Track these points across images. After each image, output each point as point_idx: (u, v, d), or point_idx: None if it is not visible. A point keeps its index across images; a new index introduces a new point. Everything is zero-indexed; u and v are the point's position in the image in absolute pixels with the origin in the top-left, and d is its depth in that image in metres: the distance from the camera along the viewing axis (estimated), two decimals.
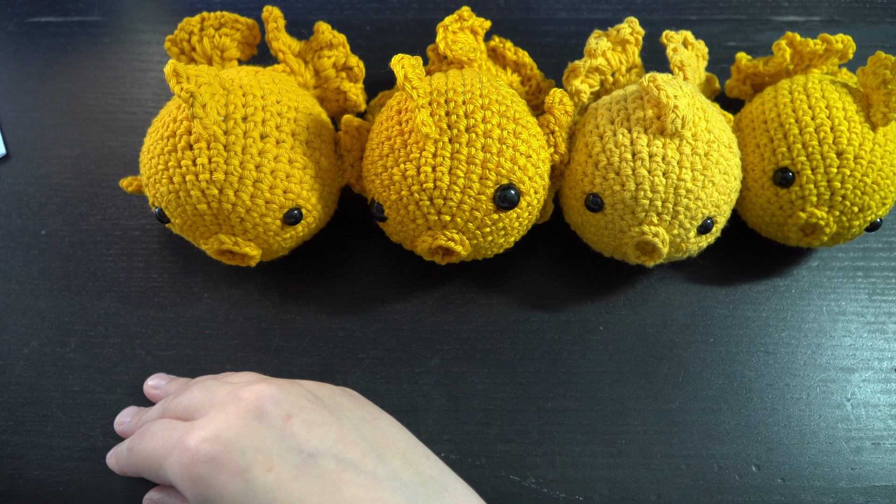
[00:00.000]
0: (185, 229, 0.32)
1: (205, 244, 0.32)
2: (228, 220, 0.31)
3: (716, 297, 0.38)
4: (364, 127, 0.34)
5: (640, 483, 0.34)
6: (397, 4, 0.45)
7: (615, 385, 0.36)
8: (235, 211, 0.30)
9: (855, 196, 0.32)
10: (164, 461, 0.26)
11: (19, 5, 0.45)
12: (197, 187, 0.30)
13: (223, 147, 0.30)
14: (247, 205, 0.30)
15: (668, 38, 0.37)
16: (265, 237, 0.32)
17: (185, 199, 0.30)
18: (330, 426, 0.26)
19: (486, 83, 0.32)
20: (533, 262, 0.38)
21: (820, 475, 0.34)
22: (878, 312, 0.38)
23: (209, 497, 0.24)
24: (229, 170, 0.30)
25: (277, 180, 0.31)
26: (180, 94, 0.28)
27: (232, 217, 0.31)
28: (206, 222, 0.31)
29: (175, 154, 0.30)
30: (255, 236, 0.32)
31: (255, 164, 0.30)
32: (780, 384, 0.36)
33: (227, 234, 0.31)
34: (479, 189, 0.30)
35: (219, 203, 0.30)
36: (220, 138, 0.30)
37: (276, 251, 0.34)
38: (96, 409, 0.35)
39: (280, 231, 0.32)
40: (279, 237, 0.32)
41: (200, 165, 0.30)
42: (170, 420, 0.28)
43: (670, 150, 0.31)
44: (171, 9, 0.45)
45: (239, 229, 0.31)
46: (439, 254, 0.33)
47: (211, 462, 0.24)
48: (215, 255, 0.32)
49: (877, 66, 0.32)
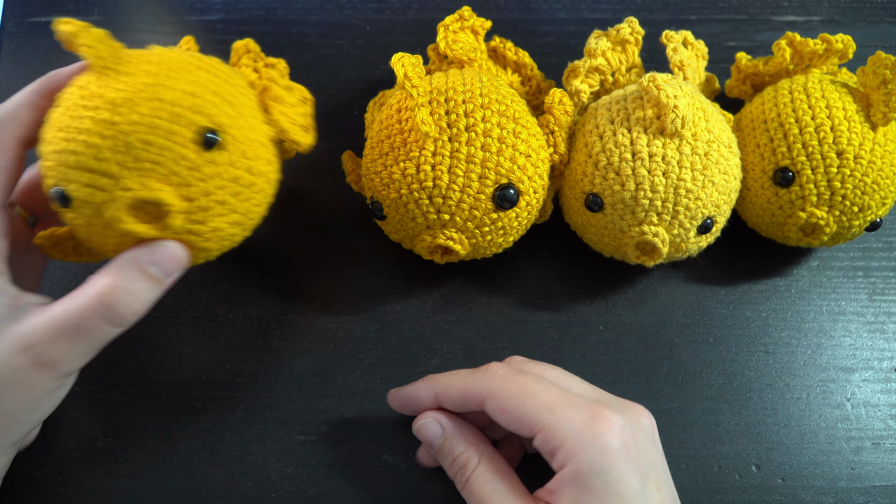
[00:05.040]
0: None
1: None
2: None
3: (716, 297, 0.38)
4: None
5: None
6: (397, 4, 0.45)
7: (615, 385, 0.36)
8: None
9: (855, 196, 0.32)
10: (566, 412, 0.27)
11: (19, 5, 0.45)
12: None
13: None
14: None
15: (668, 38, 0.37)
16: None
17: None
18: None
19: (486, 83, 0.32)
20: (533, 262, 0.38)
21: (820, 475, 0.34)
22: (878, 312, 0.38)
23: (601, 473, 0.26)
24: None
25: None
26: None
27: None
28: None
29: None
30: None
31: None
32: (780, 384, 0.36)
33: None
34: (478, 188, 0.30)
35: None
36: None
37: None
38: (96, 409, 0.35)
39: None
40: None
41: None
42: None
43: (670, 150, 0.31)
44: (171, 9, 0.45)
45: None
46: (438, 253, 0.33)
47: (624, 448, 0.26)
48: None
49: (877, 66, 0.32)
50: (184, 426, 0.34)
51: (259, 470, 0.34)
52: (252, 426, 0.34)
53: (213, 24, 0.44)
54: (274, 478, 0.34)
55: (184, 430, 0.34)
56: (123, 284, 0.26)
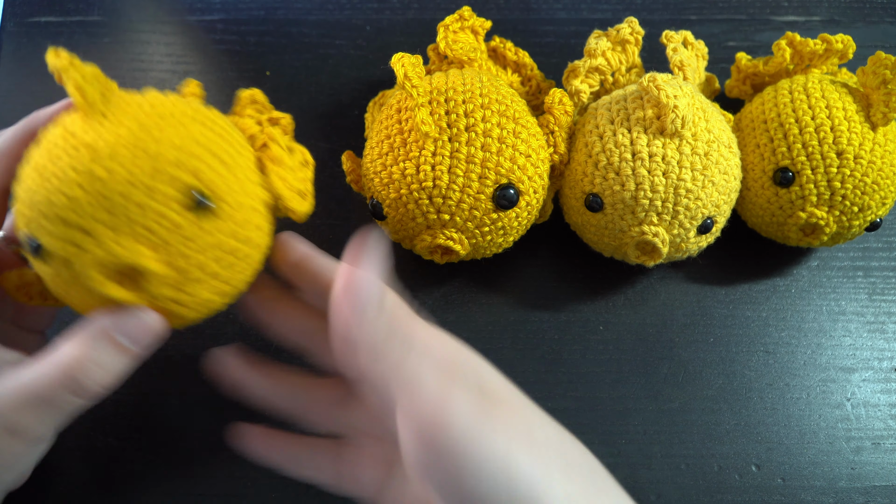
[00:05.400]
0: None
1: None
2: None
3: (716, 297, 0.38)
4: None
5: (640, 483, 0.34)
6: (397, 4, 0.45)
7: (615, 385, 0.36)
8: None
9: (855, 196, 0.32)
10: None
11: (19, 5, 0.45)
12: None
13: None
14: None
15: (668, 38, 0.37)
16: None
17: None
18: None
19: (486, 83, 0.32)
20: (533, 262, 0.38)
21: (820, 475, 0.34)
22: (878, 312, 0.38)
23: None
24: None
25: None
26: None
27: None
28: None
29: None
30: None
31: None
32: (780, 384, 0.36)
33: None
34: (478, 188, 0.30)
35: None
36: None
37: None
38: (96, 409, 0.35)
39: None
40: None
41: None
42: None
43: (670, 150, 0.31)
44: (171, 9, 0.45)
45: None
46: (438, 253, 0.33)
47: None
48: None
49: (877, 66, 0.32)
50: (184, 426, 0.34)
51: (259, 470, 0.34)
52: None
53: (213, 24, 0.44)
54: (274, 478, 0.34)
55: (184, 430, 0.34)
56: (90, 356, 0.24)
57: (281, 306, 0.30)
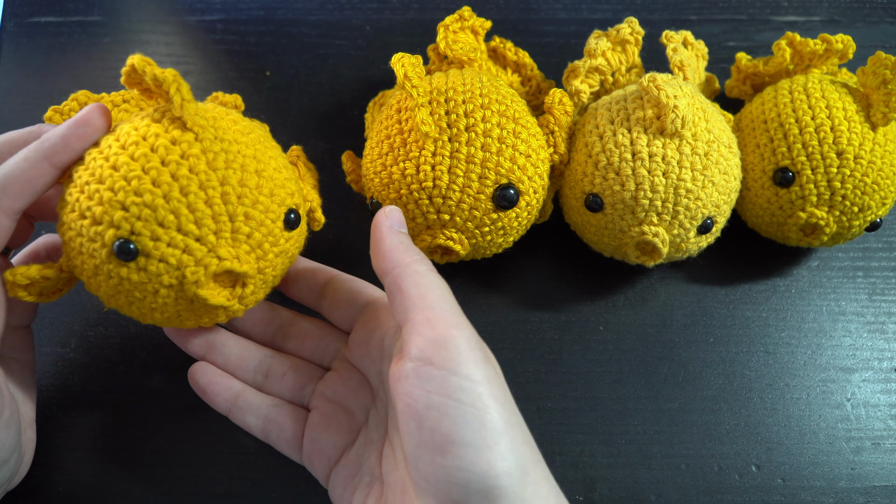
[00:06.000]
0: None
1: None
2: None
3: (716, 297, 0.38)
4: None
5: (640, 483, 0.34)
6: (397, 4, 0.45)
7: (615, 385, 0.36)
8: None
9: (855, 196, 0.32)
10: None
11: (19, 5, 0.45)
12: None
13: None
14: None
15: (668, 38, 0.37)
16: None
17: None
18: None
19: (486, 83, 0.32)
20: (533, 262, 0.38)
21: (820, 475, 0.34)
22: (878, 312, 0.38)
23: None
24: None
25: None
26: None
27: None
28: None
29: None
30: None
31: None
32: (780, 384, 0.36)
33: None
34: (478, 188, 0.30)
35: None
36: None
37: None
38: (96, 409, 0.35)
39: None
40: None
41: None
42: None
43: (670, 150, 0.31)
44: (171, 9, 0.45)
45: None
46: (438, 253, 0.33)
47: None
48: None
49: (877, 66, 0.32)
50: (183, 426, 0.34)
51: (259, 470, 0.34)
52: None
53: (213, 24, 0.44)
54: (274, 478, 0.34)
55: (184, 430, 0.34)
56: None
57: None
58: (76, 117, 0.26)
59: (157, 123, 0.26)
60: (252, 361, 0.32)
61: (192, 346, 0.31)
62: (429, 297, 0.25)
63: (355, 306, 0.32)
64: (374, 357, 0.30)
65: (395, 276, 0.26)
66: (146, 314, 0.27)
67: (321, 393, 0.31)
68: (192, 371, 0.31)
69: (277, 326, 0.33)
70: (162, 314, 0.26)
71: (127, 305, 0.26)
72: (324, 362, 0.32)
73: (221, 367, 0.31)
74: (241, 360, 0.31)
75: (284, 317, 0.33)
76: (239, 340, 0.32)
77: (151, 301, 0.26)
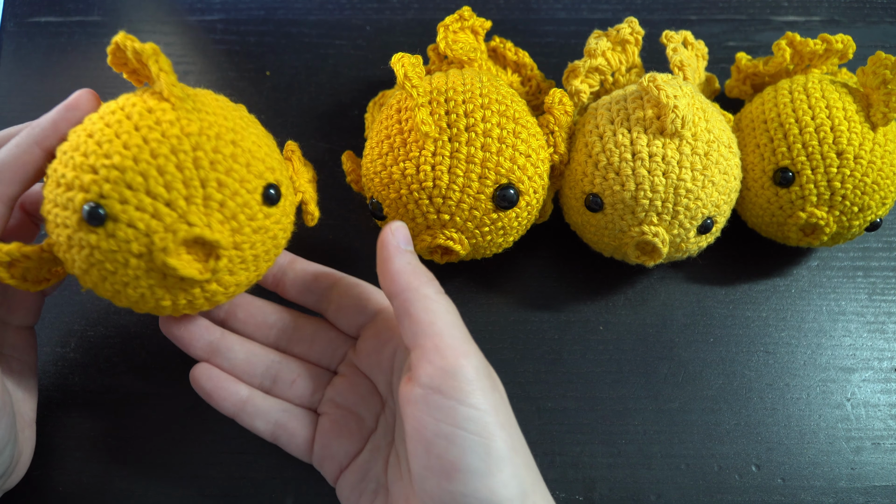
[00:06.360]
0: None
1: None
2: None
3: (716, 297, 0.38)
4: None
5: (640, 483, 0.34)
6: (397, 4, 0.45)
7: (615, 385, 0.36)
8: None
9: (855, 196, 0.32)
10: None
11: (19, 5, 0.45)
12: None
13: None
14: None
15: (668, 38, 0.37)
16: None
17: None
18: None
19: (486, 83, 0.32)
20: (533, 262, 0.38)
21: (820, 475, 0.34)
22: (878, 312, 0.38)
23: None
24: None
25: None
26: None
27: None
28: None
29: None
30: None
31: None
32: (780, 384, 0.36)
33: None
34: (478, 188, 0.30)
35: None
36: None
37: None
38: (96, 409, 0.35)
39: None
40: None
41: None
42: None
43: (670, 150, 0.31)
44: (171, 9, 0.45)
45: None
46: (438, 253, 0.33)
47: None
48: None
49: (877, 66, 0.32)
50: (184, 426, 0.34)
51: (259, 470, 0.34)
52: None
53: (213, 24, 0.44)
54: (274, 478, 0.34)
55: (184, 430, 0.34)
56: None
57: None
58: (66, 101, 0.27)
59: (136, 95, 0.26)
60: (259, 366, 0.31)
61: (195, 349, 0.31)
62: (438, 324, 0.25)
63: (364, 313, 0.32)
64: (384, 368, 0.30)
65: (404, 300, 0.26)
66: (120, 291, 0.26)
67: (331, 399, 0.31)
68: (196, 374, 0.31)
69: (281, 329, 0.32)
70: (135, 290, 0.26)
71: (101, 282, 0.26)
72: (331, 366, 0.32)
73: (228, 371, 0.31)
74: (248, 365, 0.31)
75: (288, 319, 0.33)
76: (244, 344, 0.31)
77: (123, 274, 0.25)
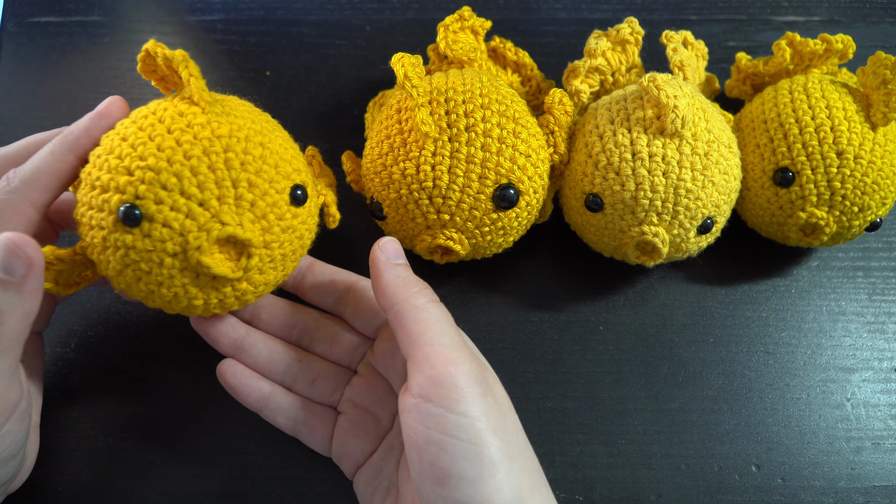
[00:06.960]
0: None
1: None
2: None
3: (716, 297, 0.38)
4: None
5: (640, 483, 0.34)
6: (397, 4, 0.45)
7: (615, 385, 0.36)
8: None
9: (855, 196, 0.32)
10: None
11: (19, 5, 0.45)
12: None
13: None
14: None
15: (668, 38, 0.37)
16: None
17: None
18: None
19: (486, 83, 0.32)
20: (533, 262, 0.38)
21: (820, 475, 0.34)
22: (878, 312, 0.38)
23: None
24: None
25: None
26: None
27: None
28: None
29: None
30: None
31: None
32: (780, 384, 0.36)
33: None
34: (478, 188, 0.30)
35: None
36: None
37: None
38: (96, 409, 0.35)
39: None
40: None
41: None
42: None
43: (670, 150, 0.31)
44: (171, 9, 0.45)
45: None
46: (438, 253, 0.33)
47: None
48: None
49: (877, 66, 0.32)
50: (184, 427, 0.34)
51: (258, 470, 0.34)
52: (252, 427, 0.34)
53: (213, 24, 0.44)
54: (274, 478, 0.34)
55: (184, 430, 0.34)
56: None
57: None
58: (98, 109, 0.27)
59: (166, 101, 0.27)
60: (280, 364, 0.32)
61: (221, 345, 0.32)
62: (428, 334, 0.26)
63: (379, 315, 0.32)
64: (398, 369, 0.31)
65: (396, 312, 0.27)
66: (154, 291, 0.27)
67: (349, 398, 0.32)
68: (222, 370, 0.32)
69: (303, 329, 0.33)
70: (169, 289, 0.26)
71: (135, 282, 0.26)
72: (352, 365, 0.33)
73: (251, 367, 0.32)
74: (270, 363, 0.32)
75: (310, 319, 0.33)
76: (267, 341, 0.32)
77: (157, 273, 0.26)
